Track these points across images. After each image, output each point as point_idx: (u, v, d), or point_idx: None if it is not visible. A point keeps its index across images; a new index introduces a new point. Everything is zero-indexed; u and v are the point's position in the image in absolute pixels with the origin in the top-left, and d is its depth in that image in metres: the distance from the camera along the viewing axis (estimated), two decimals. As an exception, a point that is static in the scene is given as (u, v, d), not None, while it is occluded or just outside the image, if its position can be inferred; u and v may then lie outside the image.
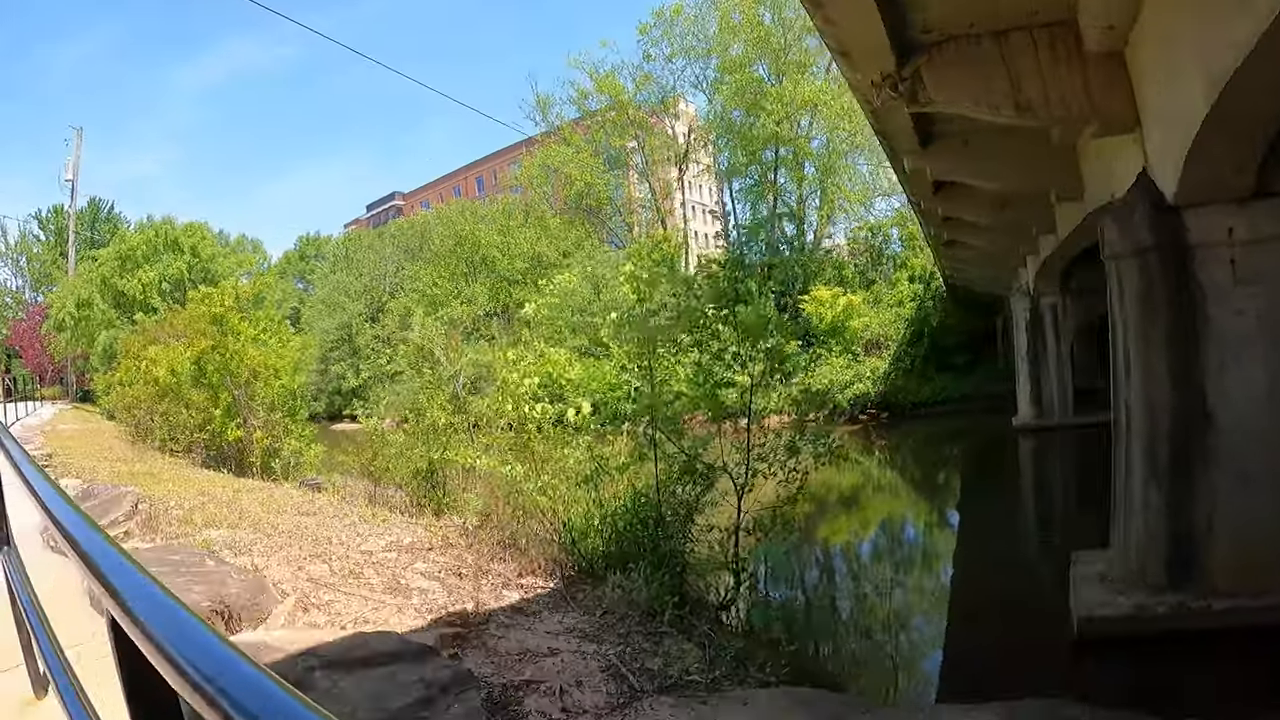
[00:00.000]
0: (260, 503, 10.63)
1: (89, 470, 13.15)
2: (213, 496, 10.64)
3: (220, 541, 8.13)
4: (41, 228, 56.27)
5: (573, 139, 44.40)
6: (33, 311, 46.99)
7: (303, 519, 9.85)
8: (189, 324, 21.31)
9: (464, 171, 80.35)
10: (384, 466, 13.26)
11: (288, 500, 11.29)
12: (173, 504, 9.80)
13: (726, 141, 44.61)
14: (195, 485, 11.69)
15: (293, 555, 7.95)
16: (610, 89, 43.98)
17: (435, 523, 10.86)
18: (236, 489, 11.63)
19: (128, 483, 11.70)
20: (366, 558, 8.15)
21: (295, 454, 15.02)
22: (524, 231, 46.96)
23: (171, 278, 32.64)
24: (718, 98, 43.77)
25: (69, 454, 15.40)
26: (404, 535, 9.62)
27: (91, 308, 31.77)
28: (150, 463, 14.56)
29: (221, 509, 9.71)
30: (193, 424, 15.81)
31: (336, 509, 10.96)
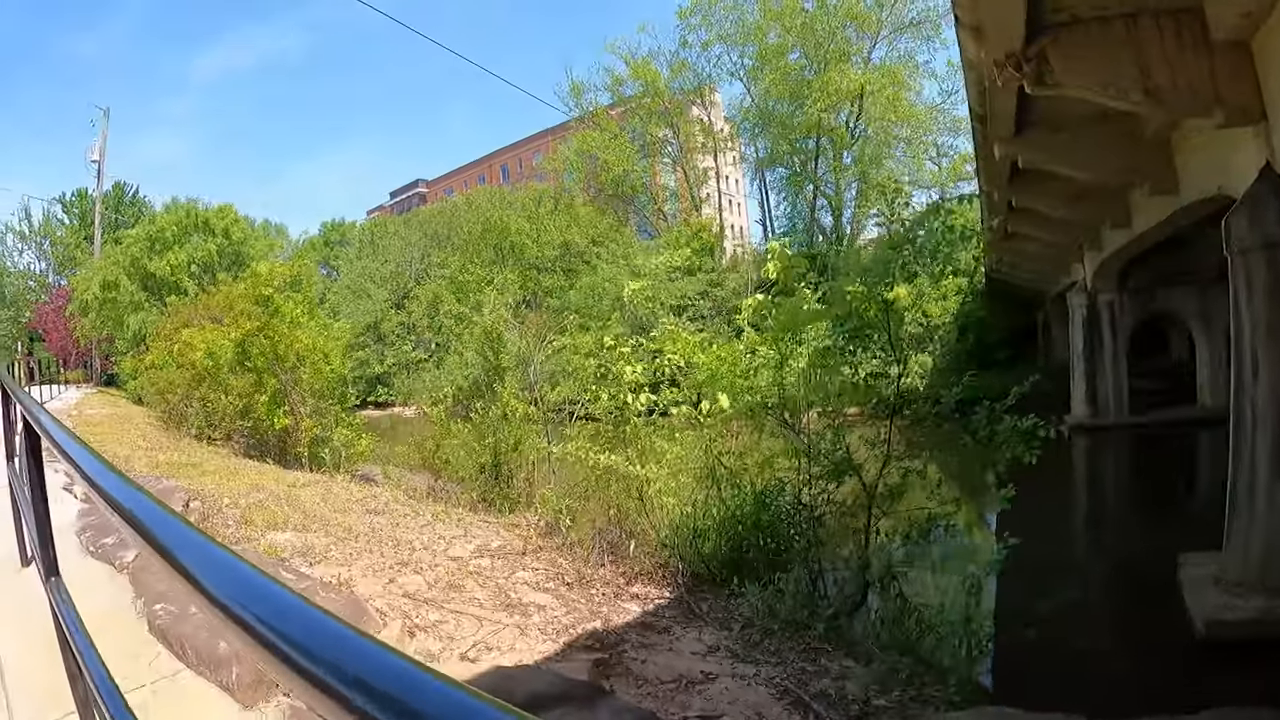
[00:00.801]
0: (321, 499, 9.55)
1: (124, 460, 12.08)
2: (267, 491, 9.54)
3: (289, 547, 7.04)
4: (65, 211, 55.47)
5: (608, 125, 43.13)
6: (56, 294, 46.17)
7: (373, 518, 8.76)
8: (226, 305, 20.29)
9: (489, 159, 79.23)
10: (444, 458, 12.24)
11: (348, 496, 10.21)
12: (225, 501, 8.70)
13: (761, 130, 43.31)
14: (244, 478, 10.60)
15: (376, 564, 6.86)
16: (646, 75, 42.84)
17: (512, 521, 9.95)
18: (290, 483, 10.54)
19: (169, 475, 10.66)
20: (459, 566, 7.15)
21: (346, 444, 13.88)
22: (553, 219, 45.91)
23: (201, 260, 31.57)
24: (756, 86, 42.43)
25: (101, 441, 14.33)
26: (488, 537, 8.62)
27: (118, 289, 30.73)
28: (189, 451, 13.48)
29: (281, 506, 8.62)
30: (233, 410, 14.71)
31: (404, 506, 9.91)
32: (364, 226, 63.97)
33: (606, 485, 9.41)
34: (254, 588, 0.82)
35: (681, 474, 9.07)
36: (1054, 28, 8.97)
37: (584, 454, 9.09)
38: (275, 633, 0.73)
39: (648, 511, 8.79)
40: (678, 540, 8.15)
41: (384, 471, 13.22)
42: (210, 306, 20.03)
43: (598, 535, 8.37)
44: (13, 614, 4.64)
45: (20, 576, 5.38)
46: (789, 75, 38.67)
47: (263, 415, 13.65)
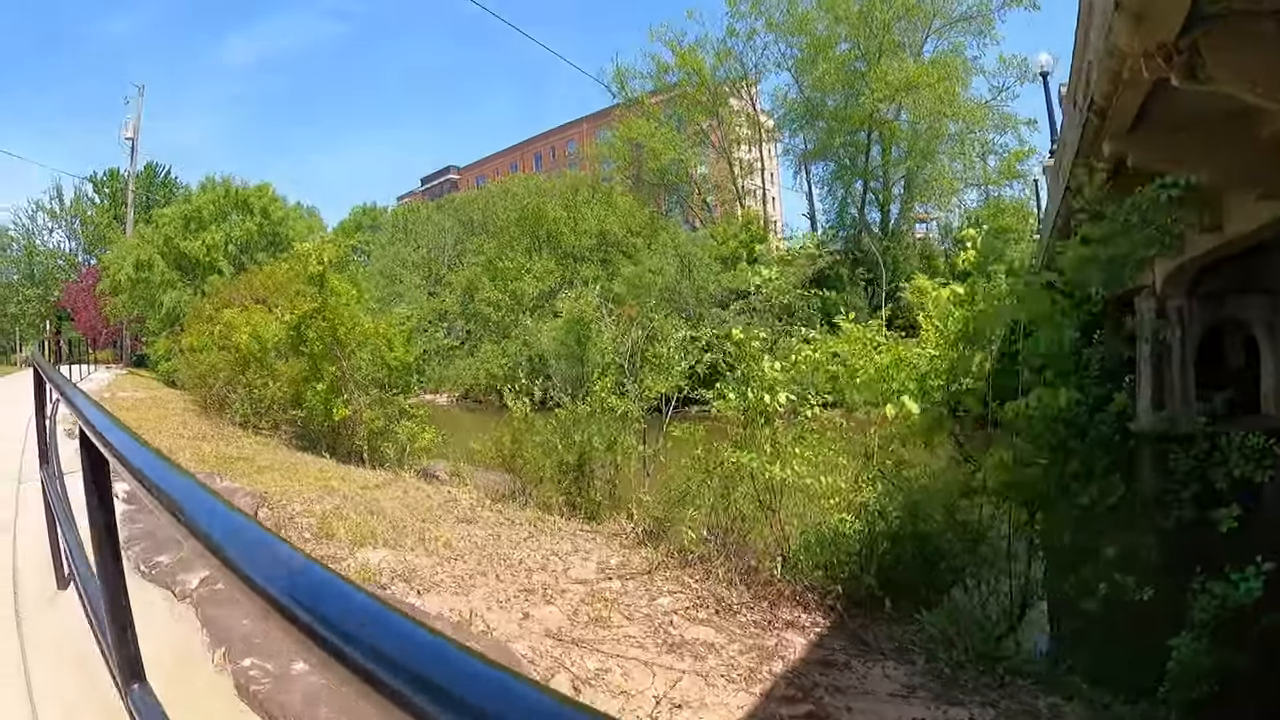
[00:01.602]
0: (402, 504, 8.37)
1: (167, 451, 10.89)
2: (340, 494, 8.36)
3: (387, 568, 5.84)
4: (96, 190, 54.70)
5: (654, 112, 41.79)
6: (87, 273, 45.40)
7: (468, 530, 7.59)
8: (269, 286, 19.18)
9: (522, 147, 78.04)
10: (522, 455, 11.04)
11: (429, 500, 9.07)
12: (296, 506, 7.50)
13: (807, 122, 41.82)
14: (307, 477, 9.43)
15: (498, 592, 5.70)
16: (693, 64, 41.43)
17: (611, 530, 8.99)
18: (362, 484, 9.37)
19: (220, 470, 9.49)
20: (590, 591, 6.13)
21: (410, 437, 12.66)
22: (591, 208, 44.67)
23: (239, 239, 30.45)
24: (805, 77, 40.95)
25: (138, 428, 13.08)
26: (601, 552, 7.67)
27: (152, 269, 29.67)
28: (237, 442, 12.36)
29: (361, 514, 7.44)
30: (282, 398, 13.54)
31: (493, 512, 8.73)
32: (395, 212, 62.95)
33: (721, 491, 8.45)
34: (385, 625, 0.63)
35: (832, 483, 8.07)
36: (1210, 19, 8.44)
37: (734, 458, 7.88)
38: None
39: (776, 523, 7.91)
40: (822, 556, 7.35)
41: (454, 469, 12.01)
42: (252, 287, 19.00)
43: (722, 550, 7.47)
44: (52, 660, 3.47)
45: (58, 603, 4.34)
46: (844, 66, 37.16)
47: (319, 405, 12.45)
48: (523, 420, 11.55)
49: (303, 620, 0.69)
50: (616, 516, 10.18)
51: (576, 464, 11.37)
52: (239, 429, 14.09)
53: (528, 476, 11.47)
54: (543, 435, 11.32)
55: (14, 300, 50.76)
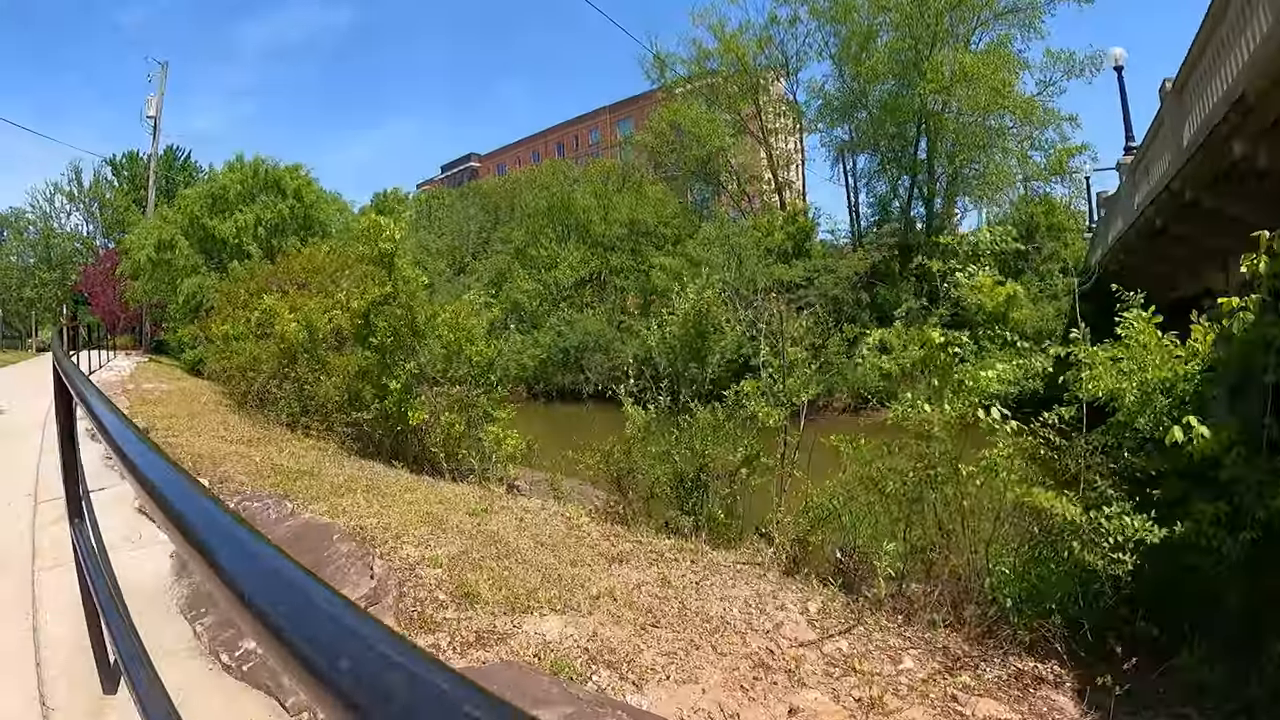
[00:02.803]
0: (528, 537, 6.67)
1: (212, 463, 9.10)
2: (449, 526, 6.50)
3: (574, 646, 4.23)
4: (115, 173, 52.88)
5: (691, 103, 39.81)
6: (105, 256, 43.60)
7: (628, 574, 5.98)
8: (310, 269, 17.37)
9: (544, 135, 76.19)
10: (633, 469, 9.33)
11: (550, 528, 7.31)
12: (409, 549, 5.66)
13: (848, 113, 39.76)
14: (396, 499, 7.56)
15: (729, 672, 4.31)
16: (735, 50, 39.33)
17: (751, 556, 7.87)
18: (466, 508, 7.49)
19: (288, 490, 7.65)
20: (826, 659, 4.97)
21: (496, 443, 10.79)
22: (622, 196, 42.86)
23: (270, 222, 28.51)
24: (848, 66, 38.90)
25: (171, 429, 11.37)
26: (787, 595, 6.30)
27: (174, 251, 27.73)
28: (290, 449, 10.49)
29: (493, 558, 5.65)
30: (339, 397, 11.68)
31: (635, 544, 7.10)
32: (417, 198, 61.00)
33: (903, 516, 7.37)
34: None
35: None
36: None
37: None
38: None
39: (971, 552, 6.86)
40: (1046, 591, 6.30)
41: (552, 483, 10.22)
42: (291, 271, 17.16)
43: (931, 589, 6.59)
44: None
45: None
46: (897, 54, 35.08)
47: (391, 406, 10.56)
48: (642, 429, 9.80)
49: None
50: (751, 540, 8.78)
51: (695, 478, 9.68)
52: (286, 430, 12.24)
53: (639, 492, 9.81)
54: (661, 445, 9.65)
55: (30, 284, 49.06)
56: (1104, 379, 8.60)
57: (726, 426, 10.12)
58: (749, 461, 9.76)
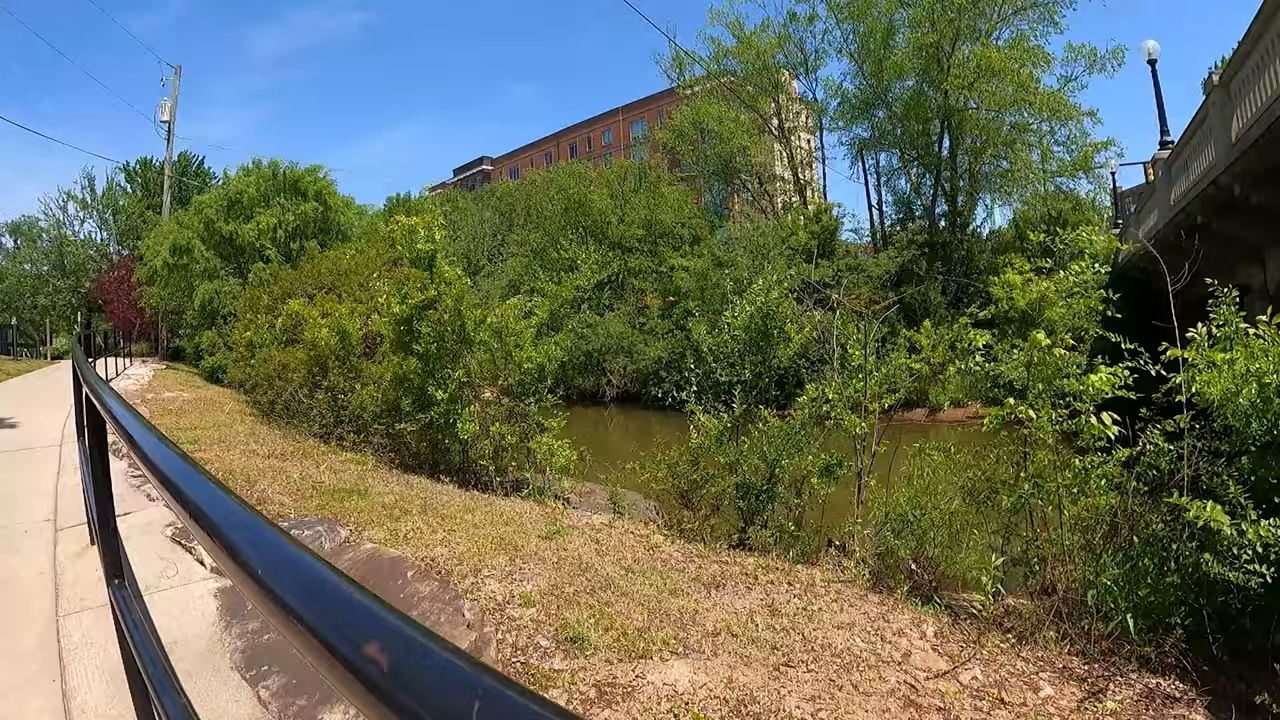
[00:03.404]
0: (611, 561, 5.94)
1: (247, 480, 8.33)
2: (525, 552, 5.73)
3: (710, 698, 3.52)
4: (129, 180, 52.29)
5: (708, 102, 39.00)
6: (120, 263, 42.95)
7: (731, 601, 5.57)
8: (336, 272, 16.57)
9: (556, 138, 75.41)
10: (696, 478, 8.55)
11: (627, 549, 6.59)
12: (492, 585, 4.94)
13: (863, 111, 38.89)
14: (459, 521, 6.79)
15: (883, 718, 3.11)
16: (755, 48, 38.56)
17: (833, 573, 7.16)
18: (536, 530, 6.70)
19: (336, 514, 6.85)
20: (969, 694, 4.43)
21: (549, 455, 9.94)
22: (638, 197, 42.07)
23: (291, 225, 27.71)
24: (868, 62, 38.03)
25: (197, 441, 10.58)
26: (896, 617, 5.76)
27: (191, 255, 26.95)
28: (328, 464, 9.67)
29: (587, 589, 4.89)
30: (374, 406, 10.85)
31: (721, 565, 6.65)
32: (431, 201, 60.28)
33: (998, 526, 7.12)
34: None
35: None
36: None
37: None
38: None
39: (1085, 566, 6.38)
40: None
41: (612, 496, 9.41)
42: (317, 274, 16.38)
43: (1044, 605, 6.13)
44: None
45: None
46: (921, 49, 34.16)
47: (437, 417, 9.72)
48: (712, 439, 8.98)
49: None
50: (827, 553, 8.33)
51: (763, 488, 8.99)
52: (318, 442, 11.43)
53: (706, 505, 9.01)
54: (729, 455, 8.92)
55: (44, 291, 48.46)
56: (1219, 381, 7.82)
57: (799, 434, 9.33)
58: (829, 471, 8.99)
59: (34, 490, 8.01)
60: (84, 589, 5.35)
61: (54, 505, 7.48)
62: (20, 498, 7.70)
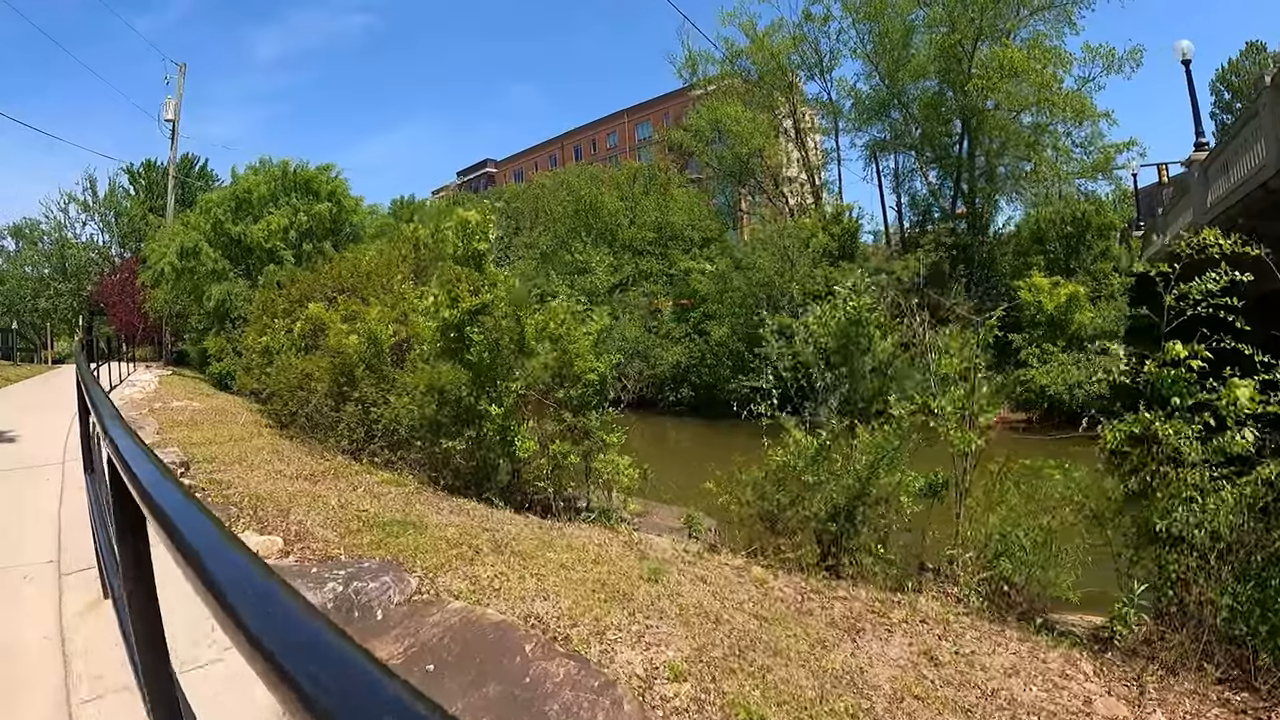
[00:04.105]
0: (730, 604, 4.82)
1: (275, 504, 7.22)
2: (635, 600, 4.65)
3: None
4: (132, 181, 50.97)
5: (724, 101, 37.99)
6: (122, 266, 41.72)
7: (875, 647, 4.88)
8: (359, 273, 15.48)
9: (561, 140, 74.38)
10: (784, 500, 7.57)
11: (741, 587, 5.62)
12: (622, 651, 3.81)
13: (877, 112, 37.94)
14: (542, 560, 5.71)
15: None
16: (768, 49, 37.56)
17: (942, 606, 6.49)
18: (643, 572, 5.68)
19: (396, 554, 5.74)
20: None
21: (615, 475, 8.84)
22: (649, 199, 41.15)
23: (302, 225, 26.57)
24: (882, 62, 37.09)
25: (216, 461, 9.43)
26: (1049, 657, 5.23)
27: (198, 257, 25.78)
28: (366, 485, 8.56)
29: (736, 650, 4.03)
30: (412, 421, 9.74)
31: (845, 603, 5.96)
32: (434, 204, 59.16)
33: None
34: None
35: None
36: None
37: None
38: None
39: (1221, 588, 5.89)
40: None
41: (687, 522, 8.38)
42: (339, 276, 15.30)
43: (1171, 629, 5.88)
44: None
45: None
46: (945, 50, 33.20)
47: (490, 433, 8.61)
48: (808, 457, 7.98)
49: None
50: (922, 579, 7.69)
51: (848, 510, 8.19)
52: (348, 459, 10.32)
53: (796, 528, 8.21)
54: (818, 474, 8.02)
55: (45, 295, 47.16)
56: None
57: (896, 449, 8.32)
58: (932, 490, 8.25)
59: (34, 519, 6.91)
60: (100, 663, 4.24)
61: (57, 540, 6.38)
62: (18, 530, 6.61)
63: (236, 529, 6.58)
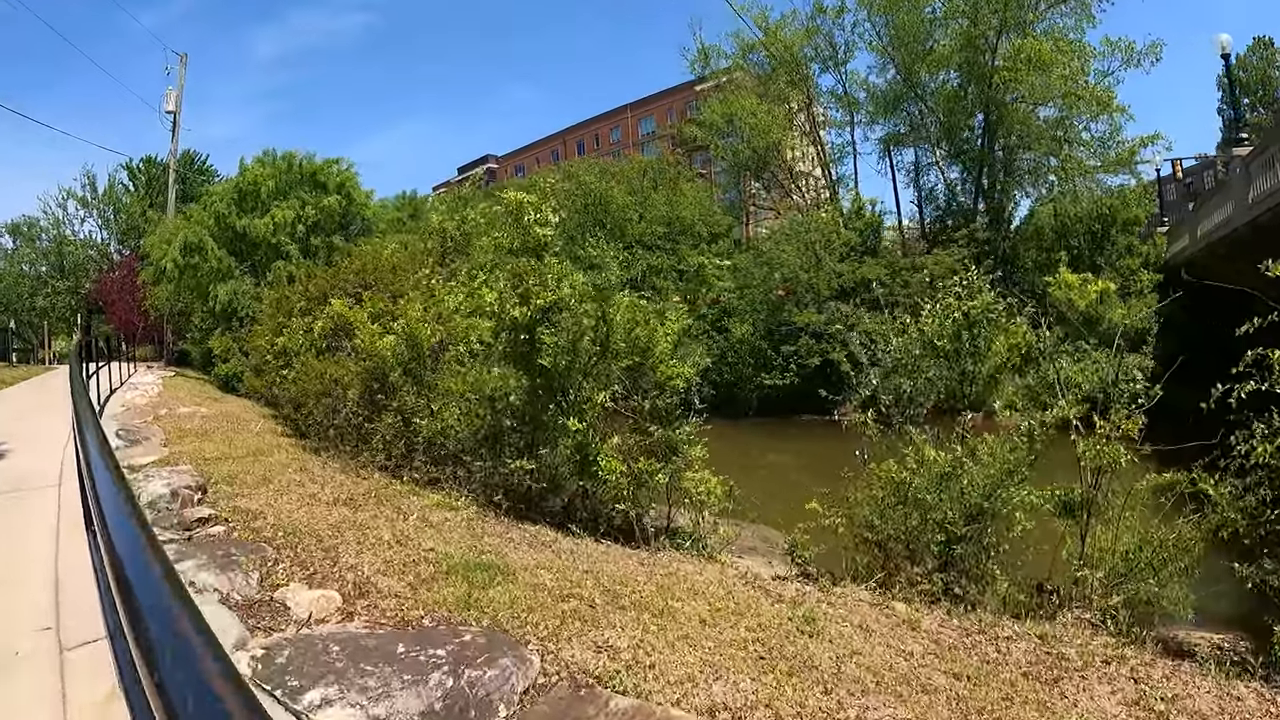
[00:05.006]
0: (927, 667, 3.61)
1: (317, 540, 5.87)
2: (822, 669, 3.41)
3: None
4: (131, 178, 49.27)
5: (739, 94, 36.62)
6: (122, 263, 40.12)
7: (1089, 701, 3.78)
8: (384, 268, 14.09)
9: (563, 135, 72.81)
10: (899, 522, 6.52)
11: (893, 633, 4.45)
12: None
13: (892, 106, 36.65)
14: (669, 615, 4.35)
15: None
16: (781, 41, 36.18)
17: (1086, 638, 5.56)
18: (797, 623, 4.52)
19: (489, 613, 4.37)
20: None
21: (706, 494, 7.46)
22: (658, 194, 39.92)
23: (309, 219, 25.12)
24: (897, 54, 35.79)
25: (236, 481, 7.96)
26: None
27: (202, 254, 24.24)
28: (415, 511, 7.18)
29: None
30: (464, 432, 8.35)
31: (994, 637, 5.08)
32: (436, 200, 57.55)
33: None
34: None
35: None
36: None
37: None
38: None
39: None
40: None
41: (792, 548, 7.13)
42: (363, 270, 13.92)
43: None
44: None
45: None
46: (969, 41, 31.87)
47: (565, 451, 7.23)
48: (934, 474, 7.02)
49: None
50: (1041, 603, 6.81)
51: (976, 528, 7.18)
52: (387, 477, 8.93)
53: (914, 552, 7.17)
54: (931, 493, 6.97)
55: (42, 293, 45.54)
56: None
57: (1022, 461, 7.38)
58: (1068, 509, 7.27)
59: (26, 564, 5.50)
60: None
61: (54, 597, 4.99)
62: (7, 581, 5.24)
63: (277, 577, 5.20)
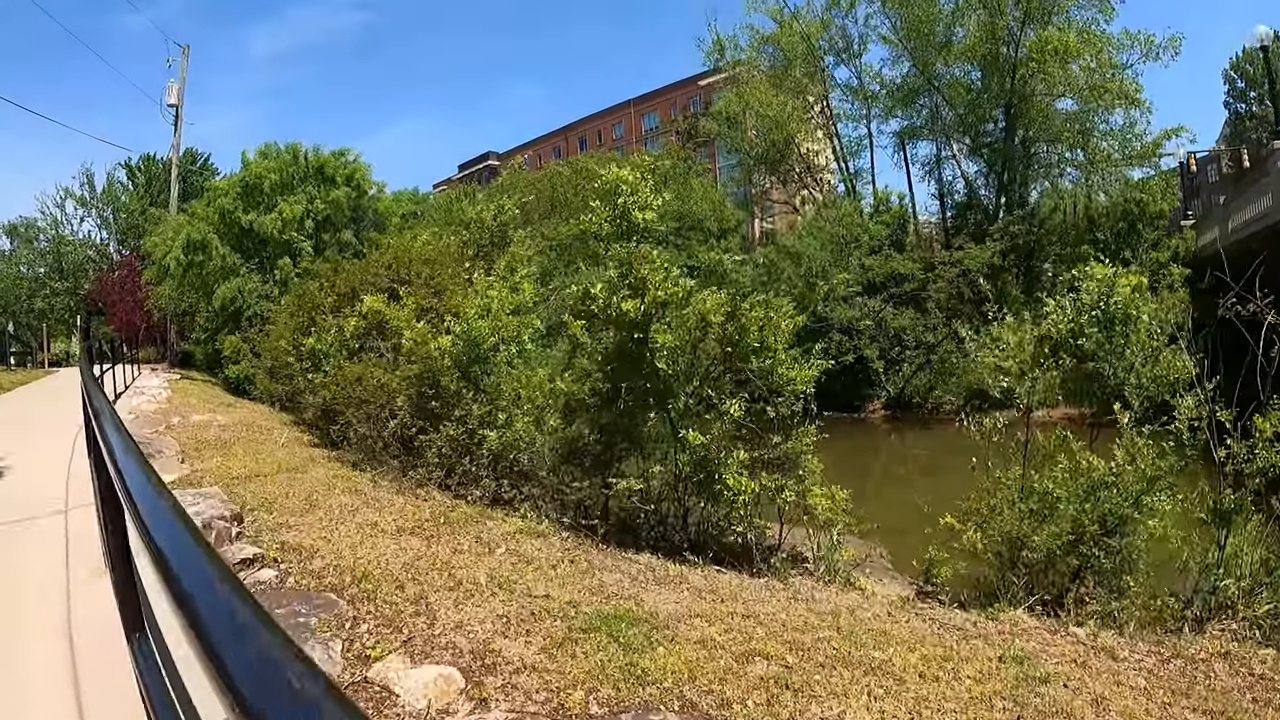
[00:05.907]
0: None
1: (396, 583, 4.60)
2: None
3: None
4: (130, 176, 47.57)
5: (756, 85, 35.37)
6: (122, 262, 38.54)
7: None
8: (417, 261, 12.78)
9: (565, 131, 71.41)
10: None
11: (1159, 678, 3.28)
12: None
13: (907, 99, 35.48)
14: (872, 674, 3.10)
15: None
16: (795, 32, 34.92)
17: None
18: (1017, 673, 3.29)
19: (670, 690, 3.03)
20: None
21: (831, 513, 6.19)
22: (669, 188, 38.63)
23: (319, 214, 23.80)
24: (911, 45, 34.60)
25: (272, 504, 6.65)
26: None
27: (207, 252, 22.80)
28: (502, 543, 5.89)
29: None
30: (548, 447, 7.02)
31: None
32: (438, 197, 56.11)
33: None
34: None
35: None
36: None
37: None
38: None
39: None
40: None
41: (928, 569, 6.00)
42: (400, 264, 12.62)
43: None
44: None
45: None
46: (992, 33, 30.69)
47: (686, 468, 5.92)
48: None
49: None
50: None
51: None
52: (448, 497, 7.61)
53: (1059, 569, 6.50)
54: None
55: (40, 294, 43.86)
56: None
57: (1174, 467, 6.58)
58: (1223, 516, 6.30)
59: (33, 629, 4.21)
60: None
61: (73, 677, 3.73)
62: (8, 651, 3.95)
63: (363, 645, 3.90)
